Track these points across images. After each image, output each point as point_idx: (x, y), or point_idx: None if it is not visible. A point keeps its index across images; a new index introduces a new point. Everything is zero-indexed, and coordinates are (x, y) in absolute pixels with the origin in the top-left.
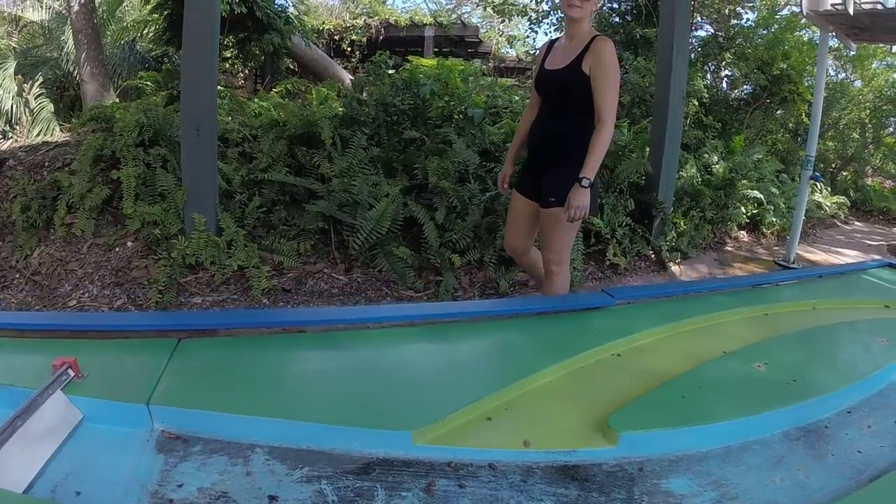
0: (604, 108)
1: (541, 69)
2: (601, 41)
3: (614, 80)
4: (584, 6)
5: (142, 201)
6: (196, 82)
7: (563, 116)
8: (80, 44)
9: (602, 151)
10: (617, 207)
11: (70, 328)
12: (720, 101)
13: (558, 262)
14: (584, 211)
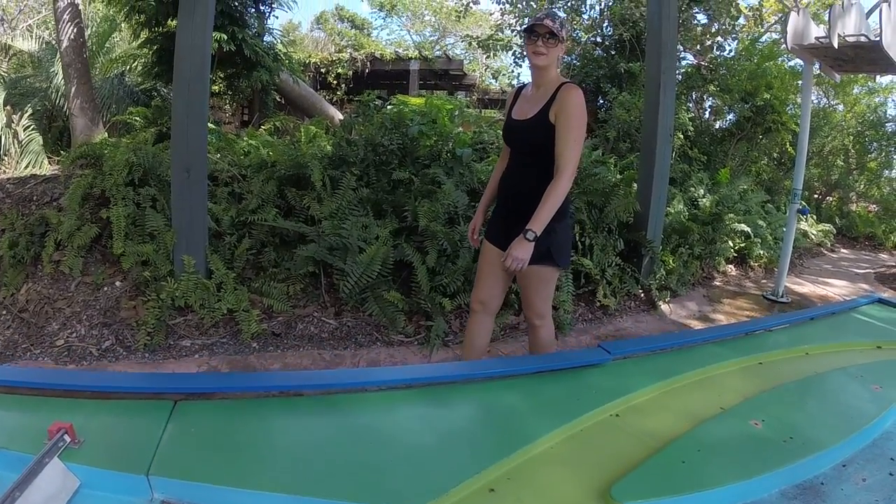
0: (563, 157)
1: (508, 119)
2: (567, 89)
3: (578, 129)
4: (550, 53)
5: (131, 241)
6: (187, 127)
7: (534, 169)
8: (70, 78)
9: (556, 204)
10: (606, 247)
11: (63, 388)
12: (704, 132)
13: (541, 316)
14: (521, 265)
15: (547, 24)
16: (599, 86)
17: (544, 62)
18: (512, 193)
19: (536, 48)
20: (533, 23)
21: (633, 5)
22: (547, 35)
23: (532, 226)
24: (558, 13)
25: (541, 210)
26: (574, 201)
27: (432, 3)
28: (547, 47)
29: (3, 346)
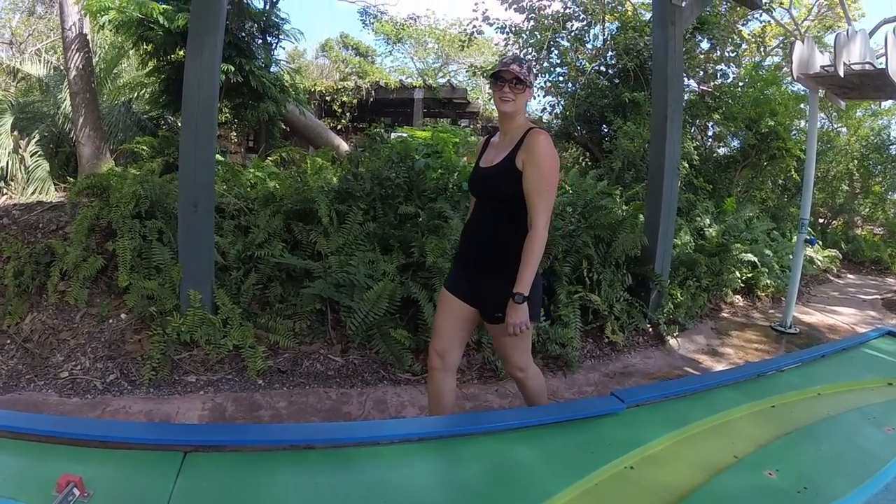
0: (535, 209)
1: (475, 168)
2: (535, 134)
3: (549, 177)
4: (518, 99)
5: (137, 273)
6: (195, 163)
7: (499, 219)
8: (78, 106)
9: (535, 261)
10: (614, 282)
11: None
12: (708, 160)
13: (522, 368)
14: (525, 326)
15: (513, 69)
16: (604, 115)
17: (511, 108)
18: (475, 243)
19: (503, 94)
20: (499, 68)
21: (636, 35)
22: (514, 81)
23: (519, 288)
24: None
25: (523, 270)
26: (581, 235)
27: (435, 30)
28: (514, 93)
29: (6, 377)
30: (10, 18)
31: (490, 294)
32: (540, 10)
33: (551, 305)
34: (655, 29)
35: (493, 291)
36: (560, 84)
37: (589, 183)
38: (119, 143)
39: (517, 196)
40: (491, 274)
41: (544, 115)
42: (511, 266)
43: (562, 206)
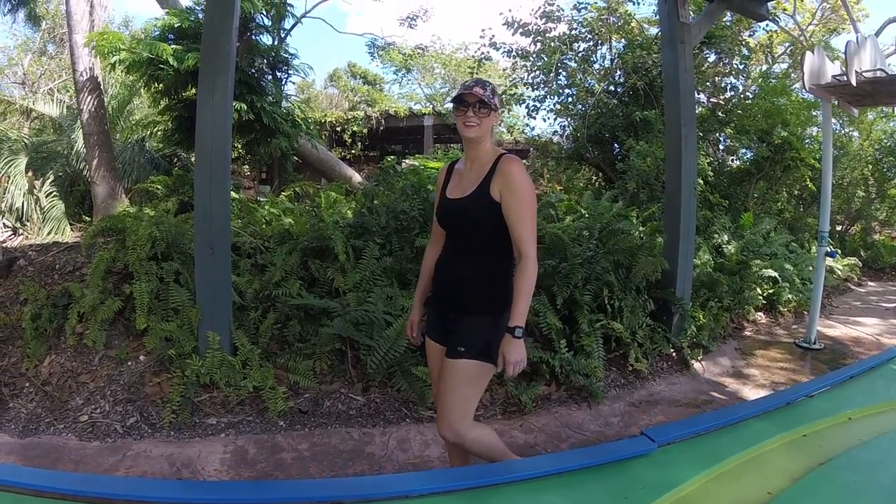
0: (523, 239)
1: (442, 199)
2: (508, 161)
3: (530, 204)
4: (483, 123)
5: (155, 316)
6: (210, 205)
7: (474, 252)
8: (92, 147)
9: (530, 291)
10: (636, 308)
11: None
12: (722, 173)
13: (458, 433)
14: (523, 364)
15: (476, 92)
16: (615, 135)
17: (476, 133)
18: (451, 281)
19: (467, 119)
20: (461, 91)
21: (644, 53)
22: (477, 104)
23: (515, 321)
24: (488, 81)
25: (518, 301)
26: (600, 261)
27: (442, 55)
28: (479, 117)
29: (26, 420)
30: (22, 58)
31: (460, 327)
32: (546, 32)
33: (573, 335)
34: (665, 48)
35: (465, 324)
36: (570, 105)
37: (604, 205)
38: (133, 181)
39: (492, 226)
40: (467, 311)
41: (555, 136)
42: (488, 303)
43: (578, 231)
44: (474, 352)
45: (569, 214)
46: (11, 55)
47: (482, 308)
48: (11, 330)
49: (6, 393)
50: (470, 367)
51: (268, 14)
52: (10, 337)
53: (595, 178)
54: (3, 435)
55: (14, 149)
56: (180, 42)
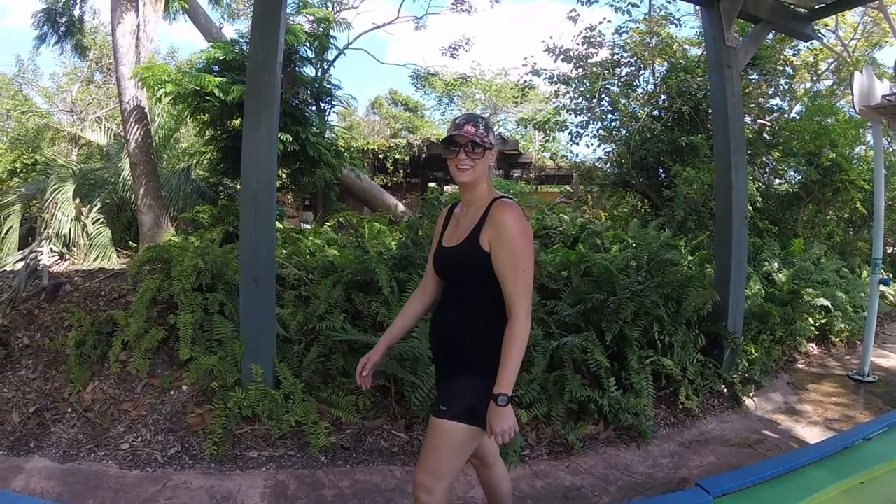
0: (514, 296)
1: (438, 245)
2: (500, 208)
3: (525, 256)
4: (477, 165)
5: (198, 346)
6: (255, 238)
7: (463, 304)
8: (138, 177)
9: (519, 356)
10: (687, 344)
11: None
12: (771, 198)
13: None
14: (514, 432)
15: (468, 131)
16: (660, 161)
17: (470, 177)
18: (442, 332)
19: (459, 162)
20: (451, 132)
21: (688, 77)
22: (469, 145)
23: (501, 388)
24: (481, 116)
25: (505, 365)
26: (649, 294)
27: (482, 81)
28: (472, 159)
29: (67, 446)
30: (71, 86)
31: (447, 385)
32: (588, 58)
33: (622, 372)
34: (711, 73)
35: (451, 382)
36: (613, 131)
37: (651, 234)
38: (179, 209)
39: (482, 278)
40: (455, 367)
41: (598, 162)
42: (476, 361)
43: (625, 262)
44: (456, 412)
45: (615, 244)
46: (60, 82)
47: (470, 366)
48: (56, 355)
49: (48, 417)
50: (450, 429)
51: (311, 46)
52: (55, 362)
53: (640, 204)
54: (44, 459)
55: (62, 175)
56: (225, 74)
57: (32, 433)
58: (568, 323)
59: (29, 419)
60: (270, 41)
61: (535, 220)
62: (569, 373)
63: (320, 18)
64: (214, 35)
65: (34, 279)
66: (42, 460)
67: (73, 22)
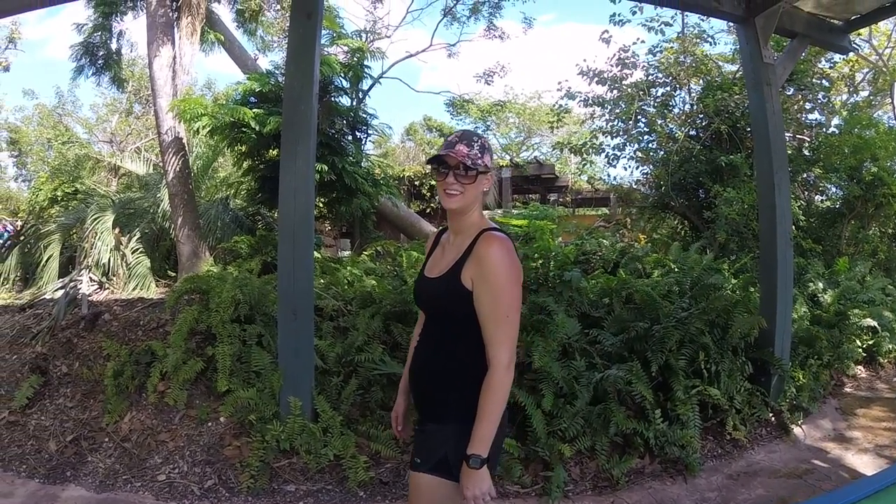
0: (494, 342)
1: (419, 274)
2: (486, 241)
3: (509, 297)
4: (467, 191)
5: (236, 378)
6: (293, 270)
7: (441, 343)
8: (177, 207)
9: (496, 412)
10: (734, 372)
11: None
12: (813, 215)
13: None
14: (489, 497)
15: (459, 151)
16: (699, 181)
17: (458, 204)
18: (420, 372)
19: (447, 185)
20: (441, 151)
21: (725, 95)
22: (461, 167)
23: (475, 449)
24: (477, 134)
25: (480, 422)
26: (694, 321)
27: (515, 105)
28: (461, 183)
29: (103, 475)
30: (111, 117)
31: (422, 432)
32: (622, 79)
33: (667, 403)
34: (750, 92)
35: (427, 430)
36: (651, 153)
37: (694, 258)
38: (218, 239)
39: (464, 316)
40: (431, 412)
41: (635, 184)
42: (452, 408)
43: (668, 287)
44: (431, 464)
45: (656, 268)
46: (100, 113)
47: (448, 412)
48: (94, 384)
49: (85, 447)
50: (426, 483)
51: (346, 76)
52: (92, 391)
53: (680, 226)
54: (80, 488)
55: (102, 205)
56: (261, 105)
57: (69, 462)
58: (611, 352)
59: (66, 448)
60: (306, 73)
61: (575, 245)
62: (613, 405)
63: (354, 49)
64: (250, 66)
65: (74, 308)
66: (78, 489)
67: (111, 55)
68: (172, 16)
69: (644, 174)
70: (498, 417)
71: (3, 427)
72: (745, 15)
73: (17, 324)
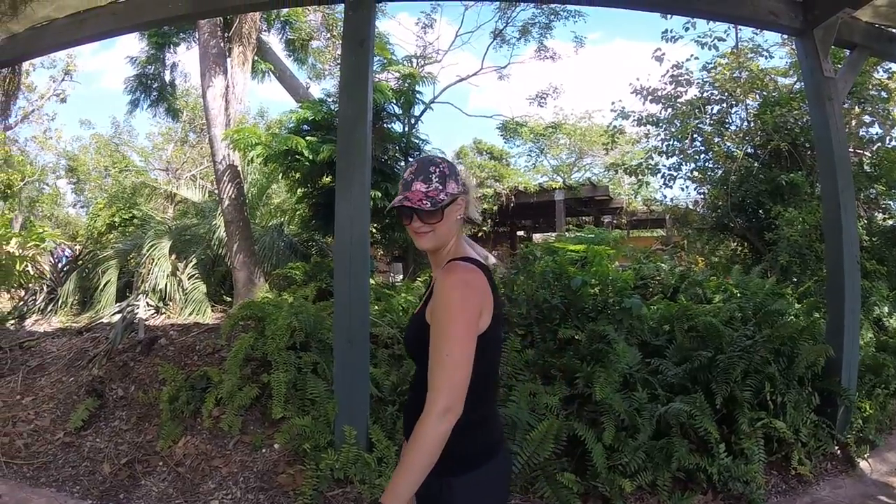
0: (431, 384)
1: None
2: (444, 271)
3: (451, 335)
4: (438, 228)
5: (291, 405)
6: (349, 299)
7: (419, 385)
8: (232, 234)
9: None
10: (800, 403)
11: None
12: (876, 234)
13: None
14: None
15: (416, 193)
16: (759, 201)
17: (431, 243)
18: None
19: (413, 228)
20: (398, 197)
21: (784, 111)
22: (423, 203)
23: (384, 497)
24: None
25: (396, 472)
26: (759, 351)
27: (566, 125)
28: (428, 224)
29: (156, 499)
30: (166, 145)
31: None
32: (676, 97)
33: (731, 436)
34: (812, 108)
35: None
36: (709, 172)
37: (756, 282)
38: (272, 266)
39: None
40: None
41: (691, 204)
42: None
43: (730, 313)
44: None
45: (717, 293)
46: (156, 141)
47: None
48: (149, 408)
49: (139, 470)
50: None
51: (397, 102)
52: (147, 415)
53: (740, 248)
54: None
55: (159, 231)
56: (314, 133)
57: (122, 484)
58: (674, 383)
59: (120, 470)
60: (360, 101)
61: (632, 269)
62: (676, 439)
63: (405, 75)
64: (301, 94)
65: (130, 332)
66: None
67: (165, 86)
68: (224, 46)
69: (701, 194)
70: (419, 470)
71: (58, 448)
72: (803, 27)
73: (74, 347)
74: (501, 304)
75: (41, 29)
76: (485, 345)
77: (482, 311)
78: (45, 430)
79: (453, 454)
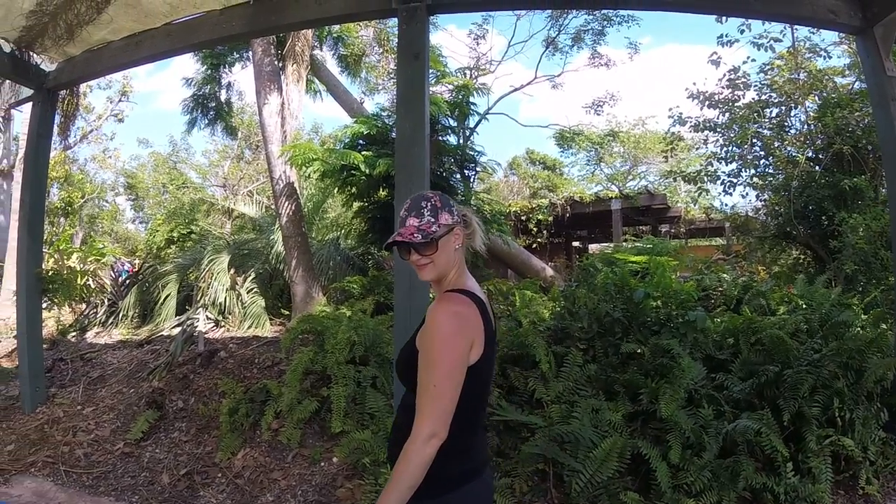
0: (418, 410)
1: None
2: (436, 302)
3: (438, 364)
4: (437, 259)
5: (350, 419)
6: (410, 313)
7: (406, 411)
8: (290, 249)
9: (403, 483)
10: (868, 420)
11: None
12: None
13: None
14: None
15: (409, 228)
16: (822, 206)
17: (433, 274)
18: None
19: (413, 261)
20: (393, 235)
21: (845, 113)
22: (415, 236)
23: None
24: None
25: (385, 488)
26: (827, 365)
27: (619, 133)
28: (426, 256)
29: None
30: (223, 162)
31: None
32: (734, 101)
33: (798, 454)
34: (875, 110)
35: None
36: (770, 178)
37: (821, 292)
38: (330, 279)
39: None
40: None
41: (751, 211)
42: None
43: (796, 325)
44: None
45: (782, 304)
46: (213, 158)
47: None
48: (208, 420)
49: (198, 481)
50: None
51: (452, 115)
52: (207, 427)
53: (803, 257)
54: None
55: (217, 246)
56: (370, 147)
57: (181, 495)
58: (739, 399)
59: (179, 481)
60: (416, 115)
61: (694, 279)
62: (743, 457)
63: (459, 87)
64: (356, 109)
65: (190, 345)
66: None
67: (221, 106)
68: (278, 64)
69: (762, 201)
70: (405, 489)
71: (117, 458)
72: (863, 25)
73: (134, 359)
74: (495, 336)
75: (97, 51)
76: (474, 375)
77: (473, 343)
78: (105, 440)
79: (432, 476)
